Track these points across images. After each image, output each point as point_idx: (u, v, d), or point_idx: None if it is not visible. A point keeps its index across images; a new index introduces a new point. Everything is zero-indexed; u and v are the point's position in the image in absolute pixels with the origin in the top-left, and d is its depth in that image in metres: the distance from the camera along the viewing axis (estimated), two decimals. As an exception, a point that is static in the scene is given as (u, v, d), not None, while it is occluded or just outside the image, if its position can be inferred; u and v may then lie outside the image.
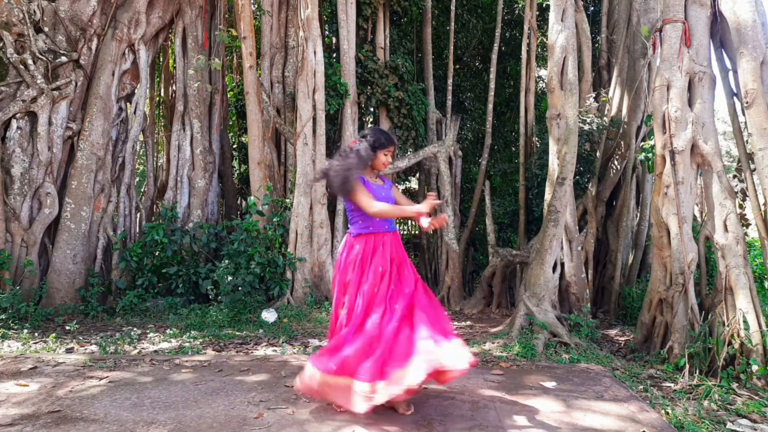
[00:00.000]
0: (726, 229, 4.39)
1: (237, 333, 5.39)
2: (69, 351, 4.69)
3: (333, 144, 8.83)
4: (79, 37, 7.03)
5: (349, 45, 8.30)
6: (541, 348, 4.79)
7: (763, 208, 4.29)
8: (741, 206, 5.00)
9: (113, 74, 7.30)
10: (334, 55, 9.15)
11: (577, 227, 6.30)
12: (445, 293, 8.06)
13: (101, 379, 3.68)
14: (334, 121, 8.78)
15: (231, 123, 10.83)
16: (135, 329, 5.65)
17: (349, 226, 3.27)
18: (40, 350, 4.64)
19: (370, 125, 10.42)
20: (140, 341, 5.10)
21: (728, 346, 4.06)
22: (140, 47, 7.63)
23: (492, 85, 9.03)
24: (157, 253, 7.24)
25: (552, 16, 5.96)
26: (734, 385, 3.86)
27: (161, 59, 10.45)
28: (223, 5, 8.43)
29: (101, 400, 3.24)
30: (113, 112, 7.32)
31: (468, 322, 6.64)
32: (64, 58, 6.81)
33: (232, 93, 10.50)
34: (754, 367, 3.91)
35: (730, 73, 4.69)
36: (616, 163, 7.41)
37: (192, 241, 7.53)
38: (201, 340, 5.07)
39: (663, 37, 4.83)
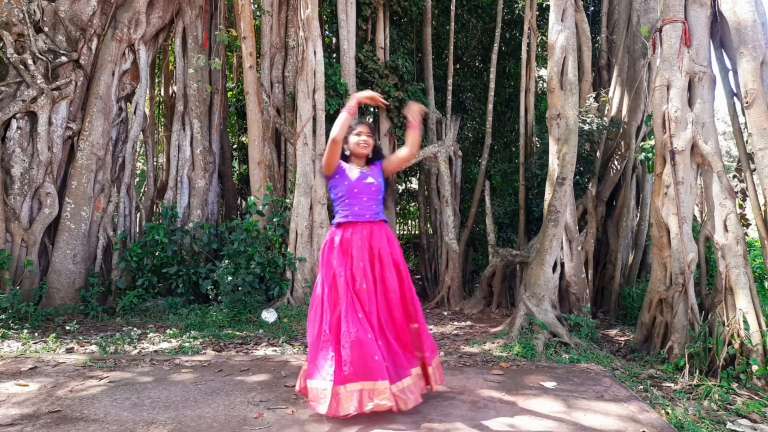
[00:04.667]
0: (726, 229, 4.39)
1: (237, 333, 5.39)
2: (69, 351, 4.69)
3: (333, 144, 8.82)
4: (79, 37, 7.03)
5: (349, 45, 8.30)
6: (541, 348, 4.79)
7: (763, 208, 4.29)
8: (741, 206, 5.01)
9: (113, 74, 7.30)
10: (334, 55, 9.15)
11: (577, 227, 6.30)
12: (445, 293, 8.05)
13: (101, 379, 3.68)
14: (334, 121, 8.77)
15: (231, 123, 10.83)
16: (135, 329, 5.65)
17: None
18: (40, 350, 4.64)
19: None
20: (140, 341, 5.10)
21: (728, 346, 4.06)
22: (140, 47, 7.63)
23: (492, 85, 9.03)
24: (157, 253, 7.23)
25: (552, 16, 5.96)
26: (734, 385, 3.86)
27: (161, 59, 10.45)
28: (223, 5, 8.43)
29: (101, 400, 3.24)
30: (113, 112, 7.32)
31: (468, 322, 6.64)
32: (64, 58, 6.81)
33: (232, 93, 10.51)
34: (754, 367, 3.91)
35: (730, 73, 4.69)
36: (616, 163, 7.41)
37: (192, 241, 7.53)
38: (201, 340, 5.07)
39: (663, 37, 4.83)
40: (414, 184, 13.25)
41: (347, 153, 3.14)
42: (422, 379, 3.09)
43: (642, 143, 6.98)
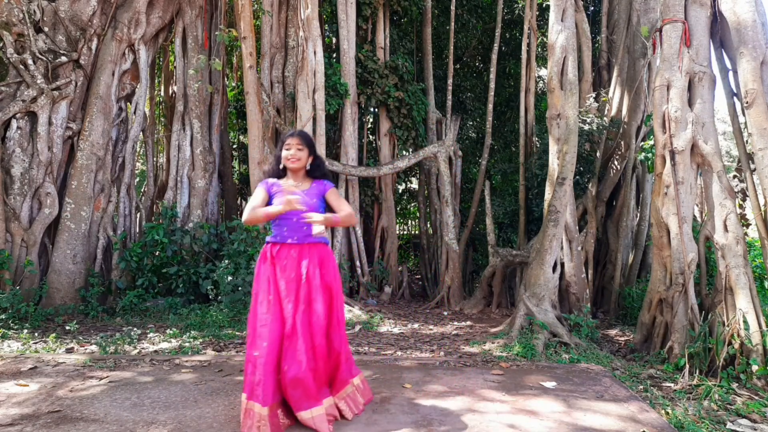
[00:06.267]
0: (726, 229, 4.39)
1: (237, 333, 5.39)
2: (69, 351, 4.69)
3: (333, 144, 8.84)
4: (79, 37, 7.03)
5: (349, 45, 8.30)
6: (541, 348, 4.79)
7: (763, 208, 4.29)
8: (741, 206, 5.01)
9: (113, 74, 7.30)
10: (334, 55, 9.15)
11: (577, 227, 6.30)
12: (445, 293, 8.06)
13: (101, 379, 3.68)
14: (334, 121, 8.78)
15: (231, 123, 10.83)
16: (135, 329, 5.65)
17: None
18: (40, 350, 4.64)
19: (369, 125, 10.42)
20: (140, 341, 5.10)
21: (728, 346, 4.06)
22: (140, 47, 7.63)
23: (492, 85, 9.03)
24: (157, 253, 7.23)
25: (552, 16, 5.96)
26: (734, 385, 3.86)
27: (161, 59, 10.45)
28: (223, 5, 8.43)
29: (101, 400, 3.24)
30: (113, 112, 7.31)
31: (468, 322, 6.64)
32: (64, 58, 6.81)
33: (232, 93, 10.50)
34: (754, 367, 3.91)
35: (730, 73, 4.69)
36: (616, 163, 7.41)
37: (192, 241, 7.53)
38: (201, 340, 5.07)
39: (663, 37, 4.83)
40: (414, 184, 13.25)
41: (281, 167, 3.00)
42: (335, 409, 2.92)
43: (642, 143, 6.98)
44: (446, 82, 9.45)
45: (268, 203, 2.92)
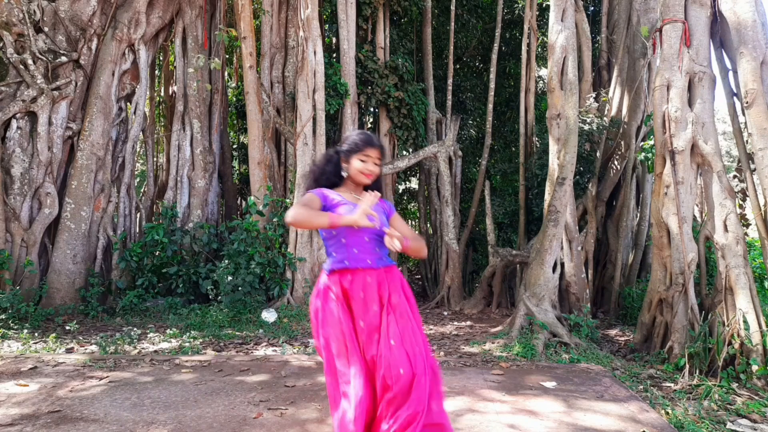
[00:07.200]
0: (726, 229, 4.39)
1: (237, 333, 5.40)
2: (69, 351, 4.69)
3: (333, 144, 8.83)
4: (79, 37, 7.03)
5: (349, 45, 8.30)
6: (541, 348, 4.79)
7: (763, 208, 4.29)
8: (741, 206, 5.00)
9: (113, 74, 7.30)
10: (334, 55, 9.15)
11: (577, 227, 6.29)
12: (445, 293, 8.05)
13: (101, 379, 3.68)
14: (334, 121, 8.78)
15: (231, 123, 10.83)
16: (135, 329, 5.65)
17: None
18: (40, 350, 4.64)
19: (369, 125, 10.42)
20: (140, 341, 5.10)
21: (728, 346, 4.06)
22: (140, 47, 7.63)
23: (492, 85, 9.03)
24: (157, 253, 7.23)
25: (552, 16, 5.96)
26: (734, 385, 3.86)
27: (161, 59, 10.45)
28: (223, 5, 8.43)
29: (101, 400, 3.24)
30: (113, 112, 7.32)
31: (468, 322, 6.64)
32: (64, 58, 6.81)
33: (232, 93, 10.50)
34: (754, 367, 3.91)
35: (730, 73, 4.69)
36: (616, 163, 7.41)
37: (192, 241, 7.53)
38: (201, 340, 5.07)
39: (663, 37, 4.83)
40: (414, 184, 13.25)
41: (343, 174, 2.36)
42: None
43: (642, 143, 6.98)
44: (446, 82, 9.44)
45: (324, 206, 2.30)
